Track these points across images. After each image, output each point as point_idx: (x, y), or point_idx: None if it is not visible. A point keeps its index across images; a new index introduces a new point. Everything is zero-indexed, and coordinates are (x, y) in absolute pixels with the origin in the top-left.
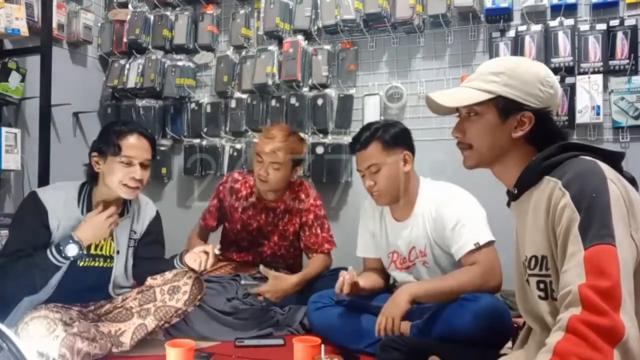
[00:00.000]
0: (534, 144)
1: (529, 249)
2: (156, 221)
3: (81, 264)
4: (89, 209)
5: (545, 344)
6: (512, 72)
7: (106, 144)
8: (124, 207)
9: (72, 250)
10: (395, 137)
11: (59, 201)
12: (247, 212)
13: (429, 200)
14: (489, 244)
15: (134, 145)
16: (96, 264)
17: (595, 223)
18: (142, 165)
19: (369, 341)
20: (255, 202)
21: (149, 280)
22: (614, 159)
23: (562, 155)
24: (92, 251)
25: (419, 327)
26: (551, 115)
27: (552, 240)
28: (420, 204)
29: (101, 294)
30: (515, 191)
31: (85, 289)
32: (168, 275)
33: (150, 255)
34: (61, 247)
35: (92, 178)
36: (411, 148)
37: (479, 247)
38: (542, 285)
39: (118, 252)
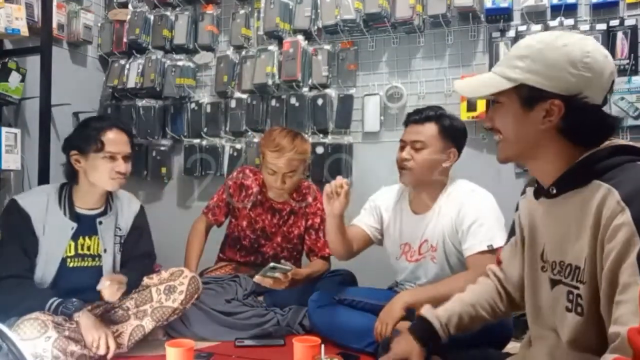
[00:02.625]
0: (570, 136)
1: (567, 255)
2: (141, 215)
3: (71, 265)
4: (71, 209)
5: None
6: (538, 55)
7: (86, 141)
8: (106, 204)
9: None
10: (453, 130)
11: (40, 205)
12: (255, 209)
13: (452, 197)
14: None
15: (115, 140)
16: (85, 264)
17: None
18: (124, 159)
19: (370, 340)
20: (263, 200)
21: (145, 280)
22: None
23: (615, 159)
24: (80, 251)
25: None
26: (585, 102)
27: (599, 253)
28: (442, 200)
29: (95, 293)
30: (554, 190)
31: (78, 290)
32: (164, 274)
33: (140, 252)
34: (61, 308)
35: (72, 177)
36: (460, 150)
37: (491, 250)
38: (570, 297)
39: (105, 251)
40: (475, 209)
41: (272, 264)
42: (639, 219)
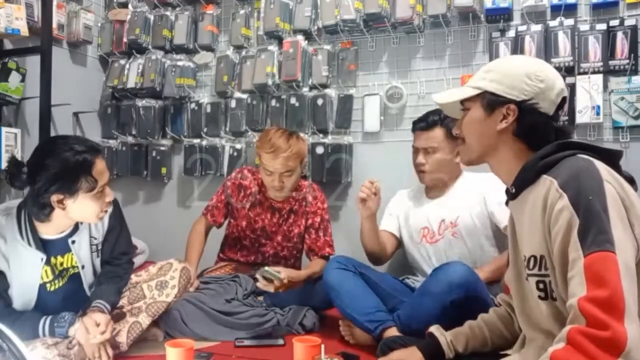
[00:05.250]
0: (523, 139)
1: (527, 248)
2: (115, 213)
3: (51, 289)
4: (35, 238)
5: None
6: (500, 67)
7: (74, 182)
8: (76, 222)
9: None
10: None
11: None
12: (254, 209)
13: (469, 180)
14: None
15: (103, 170)
16: (65, 280)
17: (593, 228)
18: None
19: (370, 319)
20: (263, 200)
21: (134, 277)
22: (612, 158)
23: (558, 154)
24: (57, 270)
25: (399, 315)
26: (536, 108)
27: (548, 240)
28: (459, 183)
29: (82, 301)
30: (513, 190)
31: (63, 305)
32: (152, 269)
33: (118, 252)
34: (56, 329)
35: (44, 215)
36: None
37: None
38: (541, 285)
39: (83, 267)
40: (501, 186)
41: (265, 269)
42: (575, 201)
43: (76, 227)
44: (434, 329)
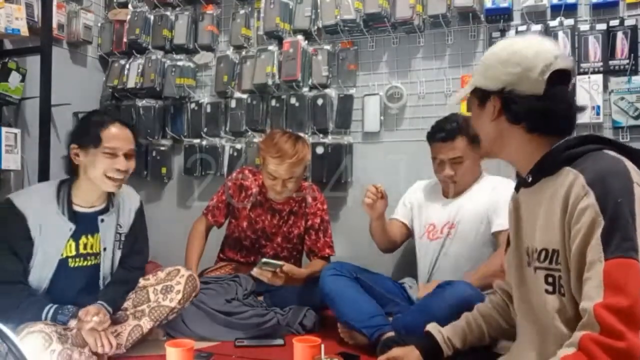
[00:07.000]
0: (522, 125)
1: (539, 240)
2: (140, 212)
3: (72, 265)
4: (70, 209)
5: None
6: (483, 60)
7: (86, 136)
8: (108, 201)
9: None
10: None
11: (37, 205)
12: (255, 210)
13: (485, 183)
14: None
15: (116, 135)
16: (87, 263)
17: (618, 233)
18: (126, 156)
19: (367, 324)
20: (263, 201)
21: (142, 281)
22: (638, 158)
23: (584, 147)
24: (82, 250)
25: (398, 320)
26: (518, 94)
27: (567, 236)
28: (476, 187)
29: (94, 292)
30: (530, 178)
31: (77, 289)
32: (161, 274)
33: (137, 249)
34: (58, 316)
35: (71, 172)
36: None
37: None
38: (550, 279)
39: (105, 249)
40: (508, 192)
41: (264, 260)
42: (602, 200)
43: (107, 208)
44: (431, 327)
